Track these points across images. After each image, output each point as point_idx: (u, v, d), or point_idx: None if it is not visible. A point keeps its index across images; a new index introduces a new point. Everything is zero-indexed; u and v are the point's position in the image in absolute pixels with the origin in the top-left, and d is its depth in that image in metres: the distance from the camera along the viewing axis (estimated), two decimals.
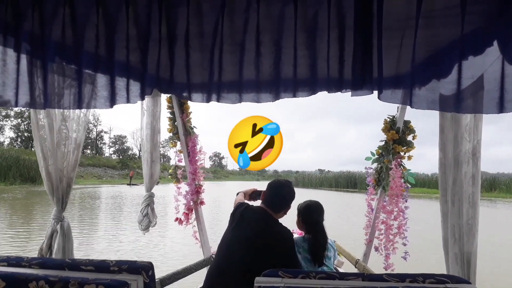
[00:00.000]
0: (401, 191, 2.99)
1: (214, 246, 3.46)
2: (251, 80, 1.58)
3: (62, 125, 2.33)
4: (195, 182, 3.46)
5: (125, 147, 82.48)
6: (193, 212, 3.49)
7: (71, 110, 2.32)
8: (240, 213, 2.39)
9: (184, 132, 3.47)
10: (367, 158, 3.25)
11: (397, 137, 3.02)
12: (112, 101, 1.65)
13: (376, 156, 3.20)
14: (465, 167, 2.02)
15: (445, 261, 2.19)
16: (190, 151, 3.46)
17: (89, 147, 75.07)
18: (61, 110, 2.29)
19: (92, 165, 53.55)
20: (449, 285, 1.15)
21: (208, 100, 1.65)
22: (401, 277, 1.24)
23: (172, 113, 3.49)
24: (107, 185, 41.08)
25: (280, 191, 2.42)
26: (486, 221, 15.57)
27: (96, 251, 8.15)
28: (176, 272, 2.71)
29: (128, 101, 1.65)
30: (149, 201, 3.13)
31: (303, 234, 2.60)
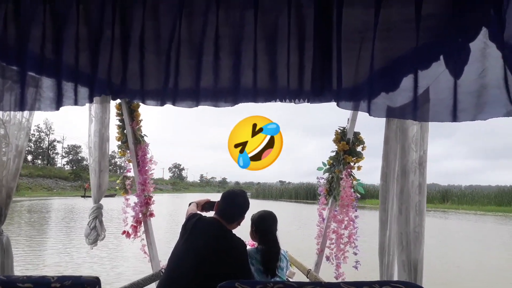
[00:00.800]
0: (351, 200, 3.06)
1: (164, 261, 3.33)
2: (209, 85, 1.54)
3: (1, 130, 2.13)
4: (144, 193, 3.32)
5: (79, 157, 79.28)
6: (142, 224, 3.34)
7: (12, 114, 2.13)
8: (192, 224, 2.32)
9: (133, 141, 3.33)
10: (319, 168, 3.30)
11: (348, 147, 3.10)
12: (58, 103, 1.53)
13: (327, 167, 3.26)
14: (412, 176, 2.10)
15: (379, 270, 2.26)
16: (140, 161, 3.33)
17: (40, 157, 71.80)
18: (0, 115, 2.10)
19: (42, 176, 51.02)
20: None
21: (162, 103, 1.58)
22: (358, 285, 1.24)
23: (122, 120, 3.34)
24: (58, 197, 38.74)
25: (234, 201, 2.38)
26: (439, 231, 16.38)
27: (45, 269, 7.62)
28: None
29: (75, 103, 1.54)
30: (97, 213, 2.94)
31: (255, 246, 2.57)
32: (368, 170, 3.52)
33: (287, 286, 1.25)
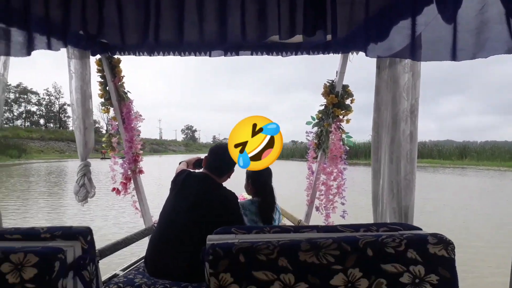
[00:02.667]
0: (340, 153, 3.10)
1: (156, 216, 3.35)
2: (195, 26, 1.47)
3: None
4: (132, 150, 3.27)
5: (91, 121, 78.78)
6: (132, 181, 3.32)
7: None
8: (182, 180, 2.31)
9: (117, 98, 3.22)
10: (308, 123, 3.30)
11: (336, 101, 3.09)
12: (29, 48, 1.43)
13: (316, 120, 3.26)
14: (403, 125, 2.12)
15: (373, 217, 2.33)
16: (125, 118, 3.25)
17: (52, 120, 72.04)
18: None
19: (54, 139, 51.12)
20: (402, 231, 1.20)
21: (141, 52, 1.51)
22: (355, 227, 1.26)
23: (103, 77, 3.21)
24: (71, 160, 38.26)
25: (222, 154, 2.37)
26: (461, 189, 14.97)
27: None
28: (115, 243, 2.57)
29: (49, 47, 1.44)
30: (85, 170, 2.89)
31: (245, 199, 2.61)
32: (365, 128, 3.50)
33: (283, 230, 1.26)
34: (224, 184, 2.35)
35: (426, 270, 1.12)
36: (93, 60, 3.11)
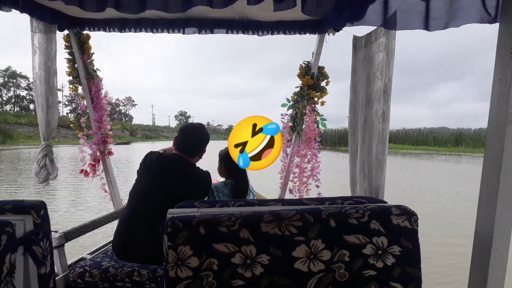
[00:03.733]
0: (314, 135, 3.07)
1: (126, 199, 3.26)
2: None
3: None
4: (101, 130, 3.16)
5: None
6: (100, 163, 3.21)
7: None
8: (152, 160, 2.24)
9: (85, 76, 3.09)
10: (283, 105, 3.25)
11: (312, 82, 3.05)
12: None
13: (291, 103, 3.21)
14: (376, 105, 2.10)
15: None
16: (94, 97, 3.12)
17: None
18: None
19: None
20: (367, 204, 1.17)
21: (100, 8, 1.42)
22: (320, 200, 1.23)
23: (71, 53, 3.07)
24: (61, 145, 37.09)
25: (193, 135, 2.31)
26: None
27: None
28: (82, 225, 2.49)
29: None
30: (47, 151, 2.77)
31: (217, 181, 2.57)
32: None
33: (248, 203, 1.22)
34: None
35: (389, 241, 1.09)
36: (59, 35, 2.97)
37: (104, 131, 3.17)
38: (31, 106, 70.20)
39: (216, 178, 2.90)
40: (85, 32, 3.01)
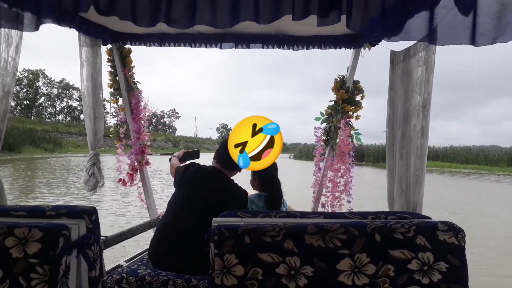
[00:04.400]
0: (348, 149, 3.05)
1: (161, 208, 3.33)
2: (207, 6, 1.45)
3: None
4: (140, 141, 3.27)
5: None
6: (138, 172, 3.31)
7: None
8: (192, 173, 2.28)
9: (126, 88, 3.22)
10: (317, 118, 3.26)
11: (347, 96, 3.05)
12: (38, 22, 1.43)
13: (325, 116, 3.22)
14: (415, 119, 2.08)
15: None
16: (133, 108, 3.24)
17: None
18: None
19: None
20: (412, 220, 1.16)
21: (152, 23, 1.49)
22: (363, 215, 1.23)
23: (113, 66, 3.21)
24: (107, 154, 38.84)
25: None
26: None
27: None
28: (120, 233, 2.57)
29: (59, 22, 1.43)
30: (95, 159, 2.89)
31: (250, 194, 2.59)
32: None
33: (290, 215, 1.23)
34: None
35: (435, 258, 1.08)
36: (104, 50, 3.12)
37: (142, 141, 3.27)
38: (81, 116, 73.76)
39: (248, 191, 2.93)
40: (126, 46, 3.15)
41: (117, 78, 3.22)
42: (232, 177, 2.34)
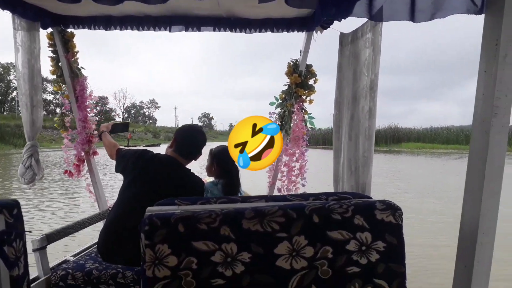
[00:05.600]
0: (302, 134, 3.05)
1: (111, 200, 3.20)
2: None
3: None
4: (86, 130, 3.10)
5: (107, 109, 78.14)
6: (85, 163, 3.15)
7: None
8: (146, 162, 2.18)
9: (70, 74, 3.03)
10: (271, 103, 3.22)
11: (300, 80, 3.03)
12: None
13: (279, 101, 3.19)
14: (363, 101, 2.08)
15: None
16: (79, 96, 3.06)
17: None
18: None
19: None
20: (352, 200, 1.14)
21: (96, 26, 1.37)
22: (304, 196, 1.20)
23: (55, 51, 3.01)
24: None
25: (194, 138, 2.25)
26: None
27: None
28: (65, 227, 2.43)
29: None
30: (32, 151, 2.70)
31: (205, 182, 2.53)
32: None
33: (231, 200, 1.18)
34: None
35: (373, 237, 1.07)
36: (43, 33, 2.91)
37: (89, 130, 3.11)
38: (57, 110, 70.45)
39: (205, 178, 2.87)
40: (69, 30, 2.96)
41: (59, 64, 3.02)
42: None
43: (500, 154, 1.16)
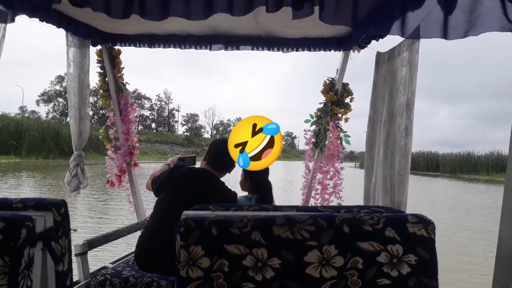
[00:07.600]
0: (337, 152, 3.04)
1: (150, 210, 3.31)
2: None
3: None
4: (128, 142, 3.25)
5: (197, 125, 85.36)
6: (126, 174, 3.29)
7: None
8: (180, 175, 2.25)
9: (115, 89, 3.22)
10: (306, 121, 3.25)
11: (335, 99, 3.05)
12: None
13: (315, 119, 3.21)
14: (399, 119, 2.07)
15: None
16: (122, 109, 3.23)
17: (162, 124, 78.63)
18: None
19: (160, 142, 54.35)
20: (385, 214, 1.14)
21: (126, 15, 1.49)
22: (336, 208, 1.21)
23: (103, 67, 3.21)
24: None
25: (227, 149, 2.32)
26: None
27: None
28: (106, 234, 2.54)
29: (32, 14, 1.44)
30: (78, 160, 2.87)
31: (239, 196, 2.57)
32: None
33: (262, 209, 1.21)
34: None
35: (404, 250, 1.06)
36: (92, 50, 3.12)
37: (131, 143, 3.26)
38: (153, 125, 77.01)
39: (239, 194, 2.91)
40: (116, 47, 3.16)
41: (106, 79, 3.22)
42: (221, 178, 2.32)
43: None
